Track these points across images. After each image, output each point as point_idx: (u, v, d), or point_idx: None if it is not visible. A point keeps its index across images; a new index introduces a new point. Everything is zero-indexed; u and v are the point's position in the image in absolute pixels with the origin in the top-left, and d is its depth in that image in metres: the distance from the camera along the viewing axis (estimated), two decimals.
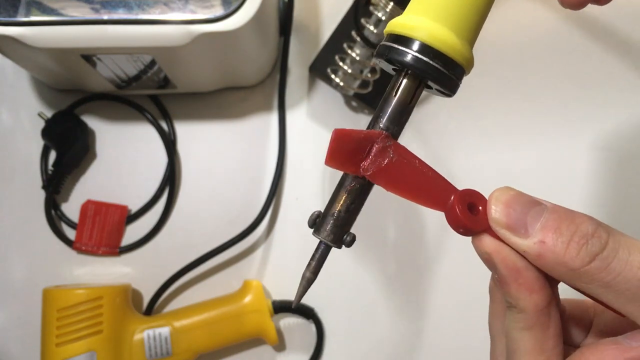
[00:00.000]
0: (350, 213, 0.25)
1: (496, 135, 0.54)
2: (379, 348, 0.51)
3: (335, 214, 0.25)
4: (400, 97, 0.25)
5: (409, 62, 0.24)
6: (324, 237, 0.25)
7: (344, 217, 0.25)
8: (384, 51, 0.25)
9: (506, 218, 0.22)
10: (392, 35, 0.25)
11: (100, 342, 0.44)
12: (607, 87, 0.55)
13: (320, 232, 0.25)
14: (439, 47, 0.23)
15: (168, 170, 0.52)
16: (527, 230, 0.22)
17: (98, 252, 0.51)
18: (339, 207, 0.25)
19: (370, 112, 0.54)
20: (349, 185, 0.25)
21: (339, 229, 0.25)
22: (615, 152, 0.54)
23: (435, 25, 0.24)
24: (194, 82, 0.50)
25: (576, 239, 0.21)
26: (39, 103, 0.53)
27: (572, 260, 0.21)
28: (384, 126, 0.25)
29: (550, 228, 0.21)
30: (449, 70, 0.24)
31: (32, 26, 0.39)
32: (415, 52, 0.23)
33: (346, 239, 0.25)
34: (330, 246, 0.25)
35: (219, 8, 0.40)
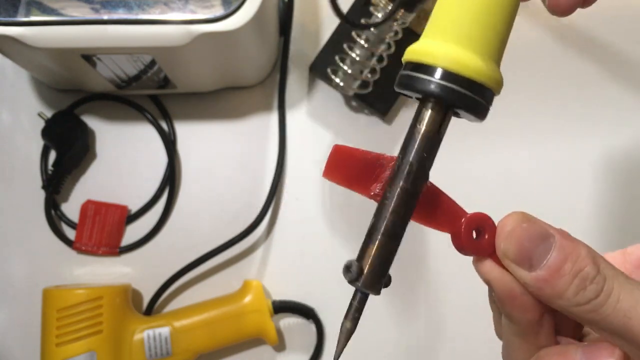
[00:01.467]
0: (389, 258, 0.24)
1: (497, 136, 0.54)
2: (379, 348, 0.51)
3: (376, 263, 0.24)
4: (427, 128, 0.23)
5: (434, 90, 0.22)
6: (366, 288, 0.24)
7: (384, 263, 0.24)
8: (405, 81, 0.23)
9: (514, 254, 0.23)
10: (411, 64, 0.23)
11: (100, 342, 0.44)
12: (607, 87, 0.55)
13: (357, 282, 0.24)
14: (463, 72, 0.22)
15: (168, 170, 0.52)
16: (532, 265, 0.22)
17: (98, 252, 0.51)
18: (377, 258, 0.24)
19: (370, 113, 0.54)
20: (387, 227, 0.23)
21: (378, 276, 0.24)
22: (617, 153, 0.54)
23: (457, 48, 0.22)
24: (194, 82, 0.50)
25: (577, 283, 0.22)
26: (39, 103, 0.53)
27: (569, 300, 0.22)
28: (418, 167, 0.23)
29: (555, 268, 0.22)
30: (476, 94, 0.22)
31: (32, 26, 0.39)
32: (439, 79, 0.22)
33: (384, 282, 0.24)
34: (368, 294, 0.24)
35: (219, 8, 0.40)
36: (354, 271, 0.24)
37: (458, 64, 0.22)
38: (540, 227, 0.23)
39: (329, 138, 0.53)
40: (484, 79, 0.22)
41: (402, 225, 0.24)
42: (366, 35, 0.47)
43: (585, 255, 0.22)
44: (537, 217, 0.23)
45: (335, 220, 0.52)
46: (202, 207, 0.52)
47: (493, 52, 0.23)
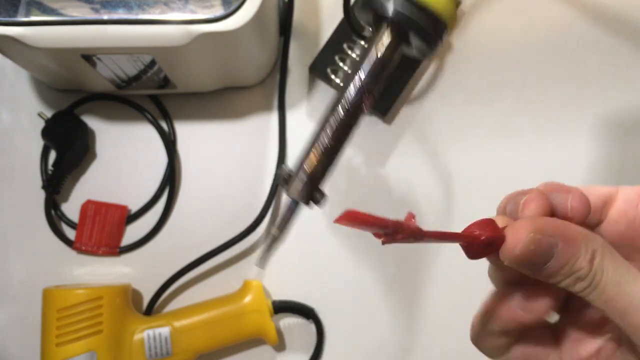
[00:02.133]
0: (323, 173, 0.24)
1: (497, 135, 0.54)
2: (379, 348, 0.51)
3: (310, 175, 0.24)
4: (381, 51, 0.25)
5: (391, 14, 0.24)
6: (295, 195, 0.24)
7: (319, 178, 0.24)
8: (367, 1, 0.25)
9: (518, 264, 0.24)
10: None
11: (100, 342, 0.44)
12: (608, 87, 0.55)
13: (290, 190, 0.24)
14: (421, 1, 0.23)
15: (168, 170, 0.52)
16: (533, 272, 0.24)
17: (98, 252, 0.51)
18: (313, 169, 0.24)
19: (370, 112, 0.54)
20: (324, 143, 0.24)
21: (310, 187, 0.24)
22: (615, 151, 0.54)
23: None
24: (194, 82, 0.50)
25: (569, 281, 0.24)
26: (39, 103, 0.53)
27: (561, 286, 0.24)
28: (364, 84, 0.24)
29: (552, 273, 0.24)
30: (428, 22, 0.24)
31: (32, 26, 0.39)
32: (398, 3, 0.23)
33: (317, 197, 0.24)
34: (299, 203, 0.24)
35: (219, 8, 0.40)
36: (283, 177, 0.25)
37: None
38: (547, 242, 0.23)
39: None
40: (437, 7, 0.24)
41: (338, 140, 0.24)
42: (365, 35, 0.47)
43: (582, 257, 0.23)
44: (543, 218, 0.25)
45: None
46: (202, 207, 0.52)
47: None
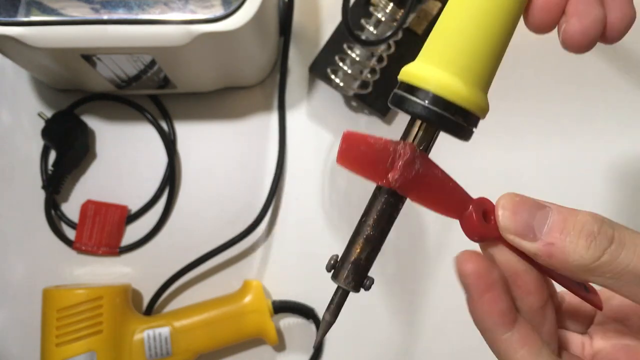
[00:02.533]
0: (369, 260, 0.26)
1: (497, 135, 0.54)
2: (379, 348, 0.51)
3: (355, 261, 0.25)
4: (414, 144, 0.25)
5: (421, 113, 0.24)
6: (343, 283, 0.25)
7: (364, 264, 0.26)
8: (397, 100, 0.25)
9: (514, 225, 0.23)
10: (404, 84, 0.25)
11: (100, 342, 0.44)
12: (609, 87, 0.55)
13: (339, 278, 0.26)
14: (449, 97, 0.23)
15: (168, 170, 0.52)
16: (535, 234, 0.23)
17: (98, 252, 0.51)
18: (359, 255, 0.26)
19: (370, 113, 0.54)
20: (369, 232, 0.25)
21: (358, 275, 0.26)
22: (622, 154, 0.54)
23: (446, 75, 0.24)
24: (194, 82, 0.50)
25: (584, 237, 0.22)
26: (39, 103, 0.53)
27: (582, 257, 0.21)
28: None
29: (557, 229, 0.22)
30: (461, 119, 0.24)
31: (32, 26, 0.39)
32: (427, 103, 0.24)
33: (366, 283, 0.26)
34: (348, 291, 0.26)
35: (219, 8, 0.40)
36: (331, 265, 0.26)
37: (445, 89, 0.23)
38: (533, 200, 0.24)
39: (329, 138, 0.53)
40: (470, 106, 0.24)
41: (384, 230, 0.26)
42: (366, 36, 0.47)
43: (583, 213, 0.23)
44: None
45: (335, 220, 0.52)
46: (202, 207, 0.52)
47: (481, 81, 0.24)
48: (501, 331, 0.24)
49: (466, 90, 0.24)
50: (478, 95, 0.24)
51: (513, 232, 0.23)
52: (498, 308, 0.24)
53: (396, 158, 0.24)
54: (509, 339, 0.23)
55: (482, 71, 0.24)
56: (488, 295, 0.24)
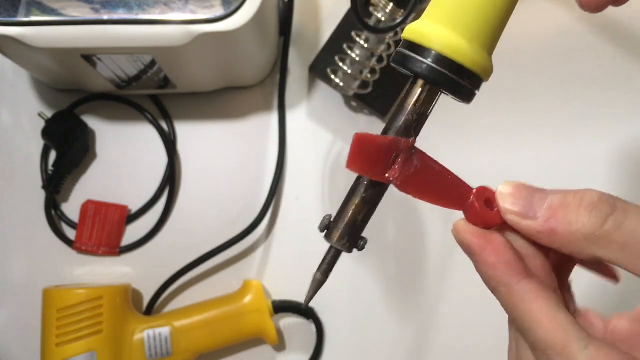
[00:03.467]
0: (364, 220, 0.25)
1: (497, 135, 0.54)
2: (379, 348, 0.51)
3: (350, 221, 0.25)
4: (415, 104, 0.25)
5: (424, 72, 0.23)
6: (337, 244, 0.25)
7: (360, 225, 0.25)
8: (399, 59, 0.25)
9: (514, 206, 0.23)
10: (407, 42, 0.24)
11: (100, 342, 0.44)
12: (610, 88, 0.55)
13: (332, 238, 0.25)
14: (454, 57, 0.23)
15: (168, 170, 0.52)
16: (536, 212, 0.23)
17: (98, 252, 0.51)
18: (354, 214, 0.25)
19: (370, 113, 0.54)
20: (364, 193, 0.25)
21: (353, 236, 0.25)
22: (621, 153, 0.54)
23: (451, 34, 0.23)
24: (194, 82, 0.50)
25: (584, 207, 0.22)
26: (39, 103, 0.53)
27: (585, 226, 0.21)
28: (399, 134, 0.24)
29: (557, 204, 0.22)
30: (464, 80, 0.24)
31: (32, 26, 0.39)
32: (430, 62, 0.23)
33: (360, 243, 0.26)
34: (341, 251, 0.26)
35: (219, 8, 0.40)
36: (324, 225, 0.25)
37: (450, 48, 0.23)
38: (531, 185, 0.24)
39: (329, 138, 0.53)
40: (474, 67, 0.23)
41: (378, 193, 0.25)
42: (366, 36, 0.47)
43: (581, 189, 0.22)
44: None
45: None
46: (202, 207, 0.52)
47: (486, 41, 0.24)
48: (514, 280, 0.22)
49: (471, 50, 0.23)
50: (483, 56, 0.24)
51: (514, 213, 0.23)
52: (506, 257, 0.23)
53: (397, 154, 0.24)
54: (524, 288, 0.22)
55: (488, 32, 0.24)
56: (491, 246, 0.23)
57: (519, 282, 0.22)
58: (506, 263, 0.23)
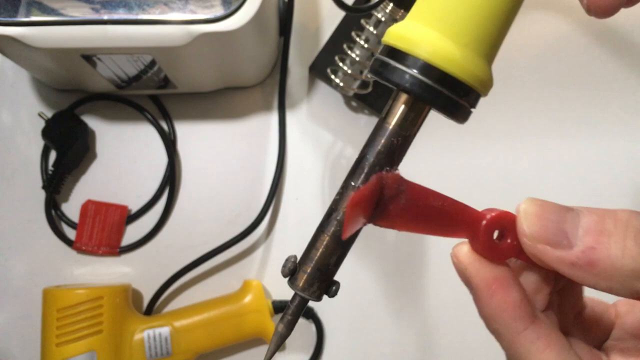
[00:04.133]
0: (337, 262, 0.21)
1: (496, 135, 0.54)
2: (379, 348, 0.51)
3: (321, 266, 0.20)
4: (397, 124, 0.20)
5: (407, 84, 0.19)
6: (305, 292, 0.21)
7: (332, 267, 0.21)
8: (377, 68, 0.20)
9: (543, 231, 0.19)
10: (388, 48, 0.20)
11: (100, 342, 0.44)
12: (609, 90, 0.55)
13: (298, 284, 0.21)
14: (444, 66, 0.19)
15: (168, 170, 0.52)
16: (570, 239, 0.19)
17: (98, 252, 0.51)
18: (324, 256, 0.20)
19: (370, 113, 0.54)
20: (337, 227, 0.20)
21: (323, 281, 0.21)
22: (620, 154, 0.54)
23: (442, 38, 0.19)
24: (194, 82, 0.50)
25: (631, 236, 0.18)
26: (39, 103, 0.53)
27: (634, 260, 0.18)
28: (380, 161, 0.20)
29: (596, 231, 0.18)
30: (457, 94, 0.19)
31: (32, 26, 0.39)
32: (415, 72, 0.19)
33: (332, 289, 0.21)
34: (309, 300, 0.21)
35: (219, 8, 0.40)
36: (288, 269, 0.21)
37: (442, 56, 0.19)
38: (558, 204, 0.20)
39: (329, 138, 0.53)
40: (470, 79, 0.19)
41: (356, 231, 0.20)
42: (366, 36, 0.47)
43: (621, 210, 0.18)
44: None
45: None
46: (202, 207, 0.52)
47: (484, 47, 0.19)
48: (520, 326, 0.19)
49: (466, 58, 0.19)
50: (480, 66, 0.19)
51: (543, 240, 0.19)
52: (512, 298, 0.20)
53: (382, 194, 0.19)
54: (529, 336, 0.19)
55: (487, 36, 0.19)
56: (497, 284, 0.20)
57: (525, 328, 0.20)
58: (514, 305, 0.20)
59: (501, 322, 0.20)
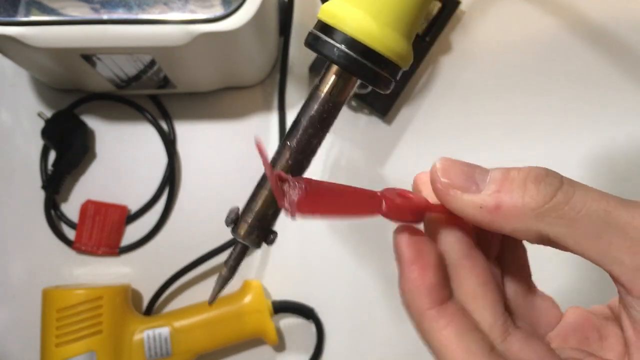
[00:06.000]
0: (275, 213, 0.24)
1: (496, 134, 0.54)
2: (379, 348, 0.51)
3: (259, 214, 0.23)
4: (331, 93, 0.23)
5: (336, 56, 0.22)
6: (245, 239, 0.23)
7: (270, 217, 0.23)
8: (311, 40, 0.23)
9: (454, 177, 0.21)
10: (321, 23, 0.23)
11: (100, 342, 0.44)
12: (607, 89, 0.55)
13: (239, 232, 0.24)
14: (366, 40, 0.21)
15: (168, 170, 0.52)
16: (478, 185, 0.21)
17: (98, 252, 0.50)
18: (263, 209, 0.23)
19: (370, 113, 0.54)
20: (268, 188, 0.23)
21: (262, 230, 0.23)
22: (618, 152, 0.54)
23: (365, 16, 0.22)
24: (194, 82, 0.50)
25: (531, 180, 0.20)
26: (38, 103, 0.53)
27: (533, 199, 0.20)
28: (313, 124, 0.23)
29: (501, 179, 0.21)
30: (379, 67, 0.22)
31: (32, 26, 0.39)
32: (341, 46, 0.22)
33: (270, 237, 0.24)
34: (248, 247, 0.24)
35: (219, 8, 0.40)
36: (231, 219, 0.24)
37: (363, 32, 0.21)
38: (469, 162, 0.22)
39: (328, 138, 0.53)
40: (390, 54, 0.22)
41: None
42: None
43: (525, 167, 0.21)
44: None
45: (334, 221, 0.52)
46: (202, 207, 0.52)
47: (403, 26, 0.22)
48: (426, 305, 0.22)
49: (386, 35, 0.22)
50: (398, 41, 0.22)
51: (453, 184, 0.21)
52: (428, 280, 0.22)
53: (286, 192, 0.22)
54: (434, 315, 0.21)
55: (405, 16, 0.22)
56: (418, 264, 0.22)
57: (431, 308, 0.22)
58: (427, 286, 0.21)
59: (412, 300, 0.22)
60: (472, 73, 0.54)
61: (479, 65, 0.55)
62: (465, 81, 0.54)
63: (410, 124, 0.53)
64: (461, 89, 0.54)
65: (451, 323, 0.21)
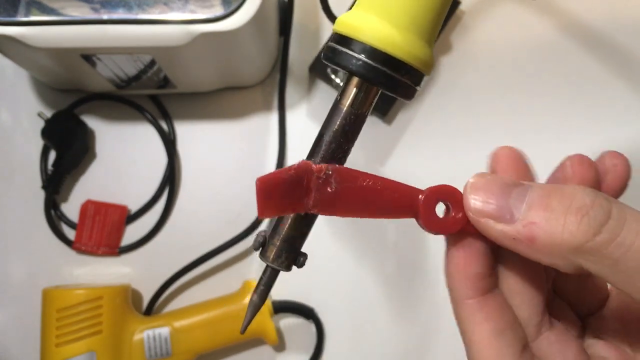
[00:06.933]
0: (303, 235, 0.23)
1: (496, 134, 0.54)
2: (379, 348, 0.51)
3: (287, 238, 0.23)
4: (352, 106, 0.22)
5: (356, 68, 0.21)
6: (274, 262, 0.23)
7: (298, 240, 0.23)
8: (329, 54, 0.22)
9: (486, 204, 0.19)
10: (337, 35, 0.22)
11: (100, 342, 0.44)
12: (607, 89, 0.55)
13: (268, 256, 0.23)
14: (386, 49, 0.21)
15: (168, 170, 0.52)
16: (513, 214, 0.19)
17: (98, 252, 0.50)
18: (291, 231, 0.23)
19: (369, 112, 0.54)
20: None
21: (290, 252, 0.23)
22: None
23: (384, 24, 0.21)
24: (194, 82, 0.50)
25: (573, 212, 0.17)
26: (38, 103, 0.53)
27: (572, 236, 0.17)
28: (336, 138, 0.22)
29: (539, 206, 0.18)
30: (401, 74, 0.21)
31: (32, 26, 0.39)
32: (361, 56, 0.21)
33: (300, 259, 0.23)
34: (279, 270, 0.23)
35: (219, 8, 0.40)
36: (259, 242, 0.23)
37: (381, 40, 0.21)
38: (507, 177, 0.20)
39: None
40: (412, 60, 0.21)
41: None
42: None
43: (570, 186, 0.18)
44: None
45: (334, 220, 0.52)
46: (202, 207, 0.52)
47: (423, 30, 0.21)
48: (468, 294, 0.21)
49: (406, 40, 0.21)
50: (420, 47, 0.21)
51: (486, 214, 0.19)
52: (472, 269, 0.21)
53: (309, 180, 0.21)
54: (473, 307, 0.20)
55: (425, 20, 0.21)
56: (465, 250, 0.21)
57: (472, 297, 0.21)
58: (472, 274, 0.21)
59: (455, 284, 0.21)
60: (472, 73, 0.54)
61: (479, 66, 0.55)
62: (465, 81, 0.54)
63: (410, 124, 0.53)
64: (461, 89, 0.54)
65: (488, 320, 0.20)
